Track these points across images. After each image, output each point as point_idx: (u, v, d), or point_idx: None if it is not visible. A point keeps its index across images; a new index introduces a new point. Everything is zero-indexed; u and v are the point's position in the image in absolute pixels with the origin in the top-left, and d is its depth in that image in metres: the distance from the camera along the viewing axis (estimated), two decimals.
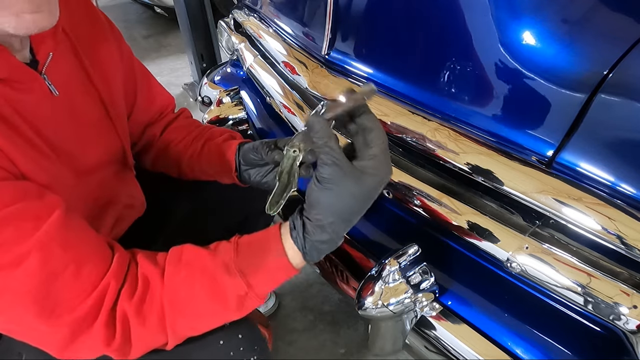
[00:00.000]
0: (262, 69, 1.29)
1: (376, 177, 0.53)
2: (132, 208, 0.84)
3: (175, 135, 0.90)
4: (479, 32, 0.74)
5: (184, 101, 2.74)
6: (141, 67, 0.90)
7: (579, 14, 0.70)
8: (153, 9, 3.92)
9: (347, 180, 0.51)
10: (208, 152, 0.86)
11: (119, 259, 0.58)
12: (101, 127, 0.73)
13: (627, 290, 0.59)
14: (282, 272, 0.59)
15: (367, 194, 0.54)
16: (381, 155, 0.53)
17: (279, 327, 1.37)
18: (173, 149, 0.89)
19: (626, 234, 0.58)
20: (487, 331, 0.71)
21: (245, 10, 1.46)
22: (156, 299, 0.57)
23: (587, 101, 0.62)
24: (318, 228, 0.55)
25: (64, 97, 0.64)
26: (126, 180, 0.83)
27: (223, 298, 0.58)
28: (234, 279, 0.57)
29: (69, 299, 0.53)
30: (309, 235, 0.55)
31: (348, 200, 0.53)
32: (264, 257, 0.58)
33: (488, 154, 0.72)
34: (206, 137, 0.88)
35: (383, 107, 0.87)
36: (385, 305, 0.71)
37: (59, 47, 0.64)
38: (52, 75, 0.63)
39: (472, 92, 0.76)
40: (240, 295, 0.58)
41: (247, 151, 0.81)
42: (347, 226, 0.56)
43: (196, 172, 0.89)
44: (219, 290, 0.58)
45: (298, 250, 0.57)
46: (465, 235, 0.75)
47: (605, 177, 0.61)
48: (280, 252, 0.57)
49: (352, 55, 0.96)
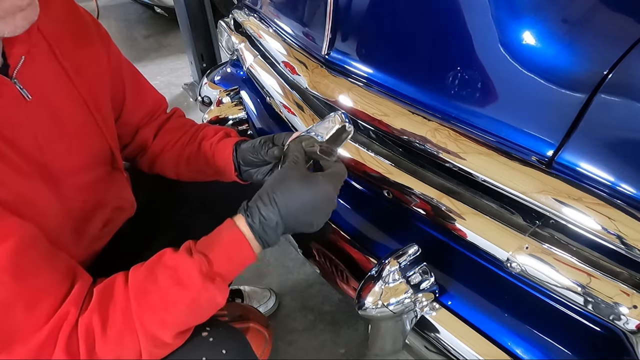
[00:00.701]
0: (262, 69, 1.29)
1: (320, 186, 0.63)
2: (121, 210, 0.84)
3: (169, 138, 0.89)
4: (479, 32, 0.74)
5: (184, 101, 2.74)
6: (130, 67, 0.88)
7: (579, 14, 0.70)
8: (153, 9, 3.93)
9: (293, 171, 0.64)
10: (205, 153, 0.86)
11: (80, 286, 0.57)
12: (86, 130, 0.72)
13: (627, 290, 0.59)
14: (236, 246, 0.62)
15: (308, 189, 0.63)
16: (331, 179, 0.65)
17: (279, 327, 1.37)
18: (168, 152, 0.89)
19: (626, 234, 0.58)
20: (487, 331, 0.71)
21: (245, 10, 1.46)
22: (119, 298, 0.57)
23: (587, 101, 0.62)
24: (260, 201, 0.62)
25: (41, 101, 0.63)
26: (115, 182, 0.82)
27: (187, 278, 0.58)
28: (194, 258, 0.59)
29: (22, 329, 0.52)
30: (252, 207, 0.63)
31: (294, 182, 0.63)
32: (218, 235, 0.63)
33: (488, 154, 0.72)
34: (201, 138, 0.87)
35: (383, 107, 0.87)
36: (385, 305, 0.71)
37: (34, 50, 0.63)
38: (25, 79, 0.61)
39: (472, 92, 0.76)
40: (203, 271, 0.59)
41: (245, 152, 0.81)
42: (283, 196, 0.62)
43: (195, 173, 0.88)
44: (182, 272, 0.59)
45: (244, 220, 0.62)
46: (465, 235, 0.75)
47: (605, 177, 0.61)
48: (231, 225, 0.62)
49: (352, 55, 0.96)
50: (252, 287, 1.44)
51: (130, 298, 0.57)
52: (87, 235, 0.75)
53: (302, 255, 0.99)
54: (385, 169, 0.88)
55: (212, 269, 0.60)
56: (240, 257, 0.62)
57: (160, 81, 2.98)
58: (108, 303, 0.57)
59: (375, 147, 0.94)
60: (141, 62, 3.28)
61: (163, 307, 0.58)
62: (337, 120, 0.73)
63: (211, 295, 0.59)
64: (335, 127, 0.72)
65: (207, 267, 0.59)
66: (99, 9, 3.89)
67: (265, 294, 1.42)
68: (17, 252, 0.51)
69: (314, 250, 0.94)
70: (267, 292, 1.43)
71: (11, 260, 0.51)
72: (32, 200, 0.59)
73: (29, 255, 0.53)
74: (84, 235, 0.74)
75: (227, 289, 0.62)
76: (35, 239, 0.55)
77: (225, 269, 0.61)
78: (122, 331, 0.56)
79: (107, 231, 0.81)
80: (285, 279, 1.53)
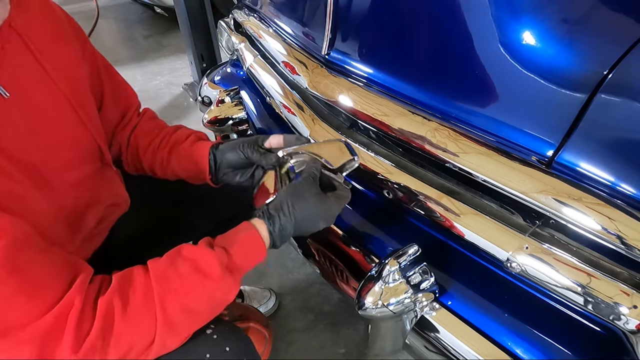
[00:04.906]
0: (262, 69, 1.29)
1: (330, 206, 0.72)
2: (115, 206, 0.84)
3: (141, 141, 0.90)
4: (479, 32, 0.74)
5: (184, 101, 2.74)
6: (105, 62, 0.88)
7: (579, 14, 0.70)
8: (153, 9, 3.93)
9: (309, 185, 0.71)
10: (177, 157, 0.87)
11: (83, 276, 0.57)
12: (71, 126, 0.71)
13: (627, 290, 0.59)
14: (253, 242, 0.67)
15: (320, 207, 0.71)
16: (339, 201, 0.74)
17: (279, 327, 1.37)
18: (142, 155, 0.89)
19: (626, 234, 0.58)
20: (487, 331, 0.71)
21: (245, 10, 1.46)
22: (140, 282, 0.59)
23: (587, 101, 0.62)
24: (279, 205, 0.69)
25: (20, 99, 0.62)
26: (107, 178, 0.82)
27: (207, 267, 0.61)
28: (215, 250, 0.63)
29: (26, 318, 0.52)
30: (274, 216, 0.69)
31: (304, 190, 0.70)
32: (236, 234, 0.68)
33: (488, 154, 0.72)
34: (172, 143, 0.88)
35: (383, 107, 0.87)
36: (385, 305, 0.71)
37: (8, 46, 0.62)
38: (1, 77, 0.60)
39: (472, 92, 0.76)
40: (223, 263, 0.62)
41: (226, 152, 0.83)
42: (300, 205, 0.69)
43: (168, 175, 0.90)
44: (203, 262, 0.62)
45: (263, 222, 0.68)
46: (465, 235, 0.75)
47: (605, 177, 0.61)
48: (250, 227, 0.68)
49: (352, 55, 0.96)
50: (252, 287, 1.44)
51: (152, 282, 0.59)
52: (81, 232, 0.75)
53: (302, 255, 0.99)
54: (385, 169, 0.88)
55: (232, 261, 0.64)
56: (255, 256, 0.67)
57: (160, 81, 2.98)
58: (128, 287, 0.58)
59: (375, 147, 0.94)
60: (141, 62, 3.27)
61: (184, 293, 0.60)
62: (346, 152, 0.80)
63: (228, 287, 0.63)
64: (345, 160, 0.79)
65: (227, 260, 0.63)
66: (99, 9, 3.89)
67: (265, 294, 1.42)
68: (11, 248, 0.52)
69: (314, 250, 0.94)
70: (267, 292, 1.43)
71: (6, 257, 0.51)
72: (21, 199, 0.59)
73: (23, 250, 0.54)
74: (79, 232, 0.74)
75: (239, 286, 0.65)
76: (27, 235, 0.55)
77: (242, 264, 0.65)
78: (142, 313, 0.57)
79: (102, 228, 0.81)
80: (285, 279, 1.53)
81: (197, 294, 0.61)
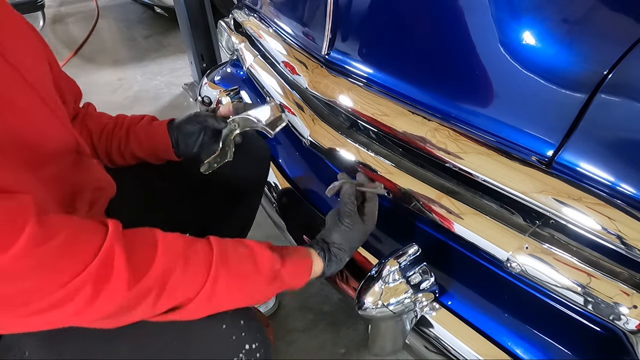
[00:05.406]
0: (262, 69, 1.29)
1: (368, 226, 0.80)
2: (101, 190, 0.82)
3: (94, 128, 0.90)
4: (479, 32, 0.74)
5: (184, 101, 2.74)
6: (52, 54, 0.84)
7: (579, 14, 0.70)
8: (153, 9, 3.92)
9: (357, 225, 0.77)
10: (135, 137, 0.89)
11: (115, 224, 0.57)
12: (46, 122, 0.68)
13: (627, 290, 0.59)
14: (304, 269, 0.71)
15: (365, 234, 0.80)
16: (373, 217, 0.81)
17: (279, 327, 1.37)
18: (97, 141, 0.90)
19: (626, 234, 0.58)
20: (487, 331, 0.71)
21: (245, 10, 1.46)
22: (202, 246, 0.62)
23: (587, 101, 0.62)
24: (339, 250, 0.75)
25: None
26: (89, 168, 0.80)
27: (261, 263, 0.65)
28: (273, 254, 0.67)
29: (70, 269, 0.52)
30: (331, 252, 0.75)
31: (356, 235, 0.78)
32: (293, 253, 0.72)
33: (488, 154, 0.72)
34: (128, 124, 0.90)
35: (383, 107, 0.87)
36: (385, 305, 0.71)
37: None
38: None
39: (472, 92, 0.76)
40: (274, 269, 0.66)
41: (183, 125, 0.89)
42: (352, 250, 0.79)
43: (127, 157, 0.91)
44: (259, 257, 0.66)
45: (321, 260, 0.73)
46: (465, 235, 0.75)
47: (605, 177, 0.61)
48: (308, 256, 0.73)
49: (352, 55, 0.96)
50: None
51: (213, 248, 0.63)
52: None
53: None
54: (385, 169, 0.88)
55: (281, 271, 0.67)
56: (296, 281, 0.71)
57: (160, 81, 2.98)
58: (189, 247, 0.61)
59: (375, 147, 0.94)
60: (141, 62, 3.27)
61: (235, 273, 0.63)
62: (275, 109, 0.92)
63: (267, 290, 0.67)
64: (274, 115, 0.91)
65: (279, 267, 0.67)
66: (99, 9, 3.89)
67: None
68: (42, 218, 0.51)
69: None
70: None
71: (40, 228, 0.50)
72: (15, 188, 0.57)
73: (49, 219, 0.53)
74: None
75: (273, 296, 0.69)
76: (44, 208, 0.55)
77: (285, 279, 0.68)
78: (199, 270, 0.60)
79: (96, 212, 0.79)
80: None
81: (244, 280, 0.64)
